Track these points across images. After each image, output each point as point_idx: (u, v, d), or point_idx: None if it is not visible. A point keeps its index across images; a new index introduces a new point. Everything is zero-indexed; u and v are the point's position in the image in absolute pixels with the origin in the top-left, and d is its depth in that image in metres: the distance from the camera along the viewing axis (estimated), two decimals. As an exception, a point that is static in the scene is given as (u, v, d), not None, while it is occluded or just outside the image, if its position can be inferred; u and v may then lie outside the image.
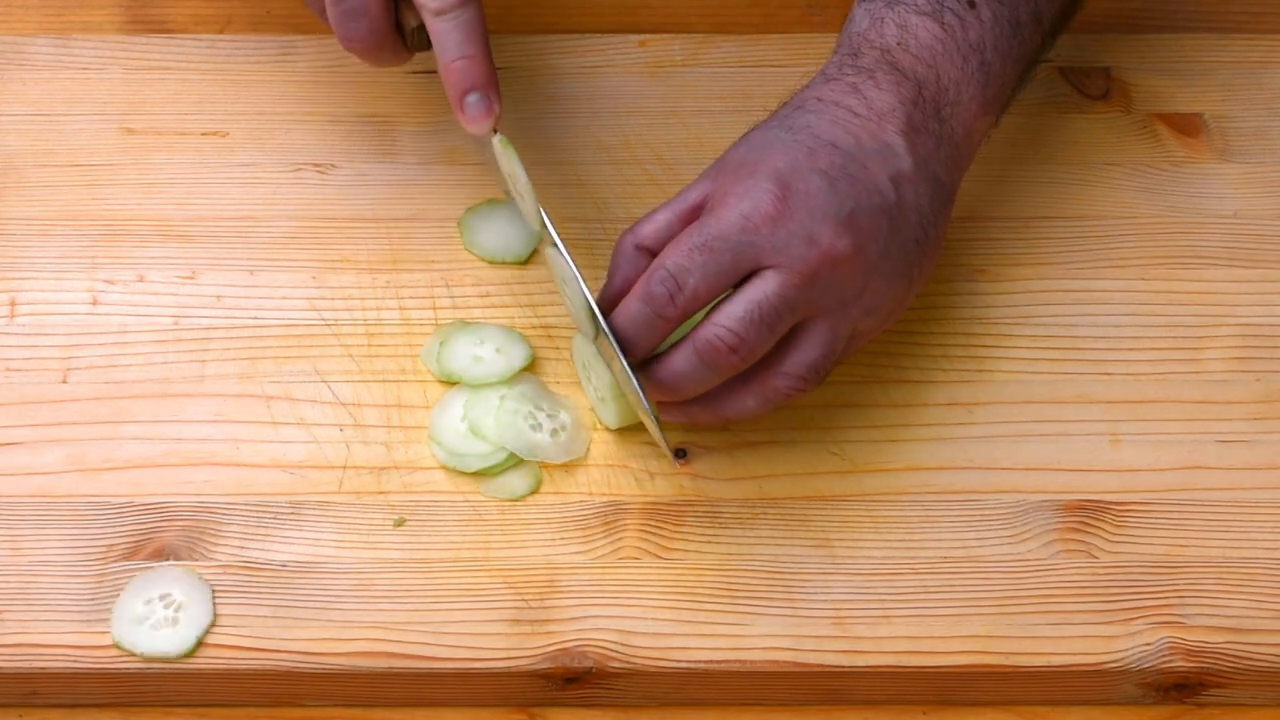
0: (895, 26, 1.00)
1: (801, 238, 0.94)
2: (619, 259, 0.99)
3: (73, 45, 1.17)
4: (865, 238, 0.95)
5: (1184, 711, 0.98)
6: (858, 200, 0.95)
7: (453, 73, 1.00)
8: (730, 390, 0.97)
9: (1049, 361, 1.05)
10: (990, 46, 1.00)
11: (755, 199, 0.94)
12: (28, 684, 0.95)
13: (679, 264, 0.94)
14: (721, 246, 0.94)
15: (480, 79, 1.00)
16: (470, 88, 1.00)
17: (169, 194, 1.11)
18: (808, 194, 0.94)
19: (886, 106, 0.98)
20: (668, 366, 0.96)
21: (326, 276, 1.08)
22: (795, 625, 0.96)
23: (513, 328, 1.05)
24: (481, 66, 1.00)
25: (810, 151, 0.96)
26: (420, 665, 0.95)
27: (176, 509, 0.99)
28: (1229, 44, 1.19)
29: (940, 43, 1.00)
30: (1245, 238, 1.10)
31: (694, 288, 0.94)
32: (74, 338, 1.05)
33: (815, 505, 1.00)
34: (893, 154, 0.97)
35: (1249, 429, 1.03)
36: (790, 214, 0.94)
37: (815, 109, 0.98)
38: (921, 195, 0.97)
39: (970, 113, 1.00)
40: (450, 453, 1.00)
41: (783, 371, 0.96)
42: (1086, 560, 0.99)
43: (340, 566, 0.97)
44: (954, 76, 1.00)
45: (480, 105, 1.00)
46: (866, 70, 0.99)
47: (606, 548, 0.98)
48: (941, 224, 0.99)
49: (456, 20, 1.00)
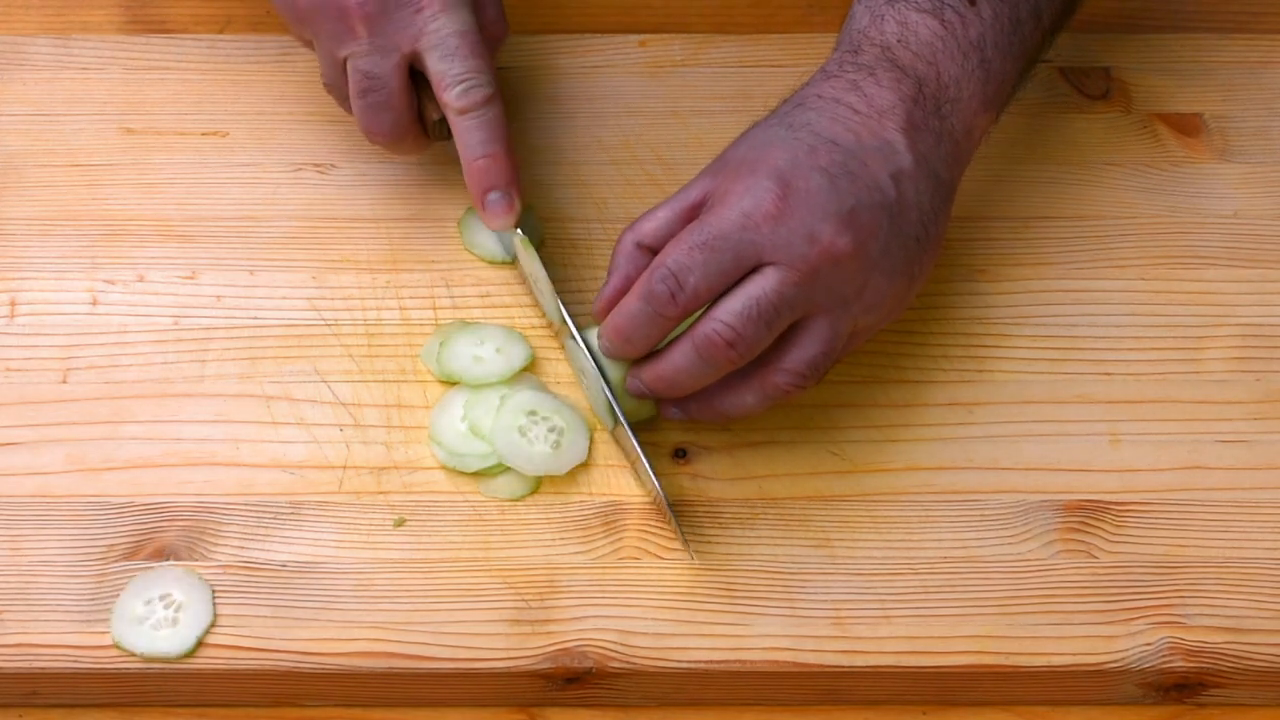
0: (896, 23, 1.00)
1: (802, 235, 0.94)
2: (619, 257, 0.99)
3: (73, 45, 1.17)
4: (865, 235, 0.95)
5: (1184, 711, 0.98)
6: (858, 198, 0.95)
7: (475, 171, 1.03)
8: (729, 387, 0.97)
9: (1049, 361, 1.05)
10: (990, 43, 1.00)
11: (756, 197, 0.94)
12: (28, 684, 0.95)
13: (680, 262, 0.94)
14: (722, 245, 0.94)
15: (502, 178, 1.03)
16: (492, 186, 1.03)
17: (169, 194, 1.11)
18: (808, 192, 0.95)
19: (887, 104, 0.98)
20: (666, 363, 0.96)
21: (326, 276, 1.08)
22: (795, 625, 0.96)
23: (512, 328, 1.05)
24: (504, 165, 1.03)
25: (811, 149, 0.96)
26: (420, 665, 0.95)
27: (176, 509, 0.99)
28: (1229, 44, 1.19)
29: (940, 40, 1.00)
30: (1245, 238, 1.10)
31: (695, 286, 0.94)
32: (74, 338, 1.05)
33: (815, 505, 1.00)
34: (893, 151, 0.97)
35: (1249, 429, 1.03)
36: (791, 212, 0.94)
37: (815, 106, 0.98)
38: (922, 192, 0.97)
39: (970, 110, 1.00)
40: (450, 453, 1.00)
41: (782, 368, 0.96)
42: (1086, 560, 0.99)
43: (340, 566, 0.97)
44: (954, 74, 1.00)
45: (502, 203, 1.03)
46: (867, 67, 0.99)
47: (606, 548, 0.98)
48: (942, 221, 0.99)
49: (480, 119, 1.02)
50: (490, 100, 1.02)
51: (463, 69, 1.02)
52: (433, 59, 1.02)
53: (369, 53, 1.02)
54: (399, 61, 1.03)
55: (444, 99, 1.02)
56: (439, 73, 1.02)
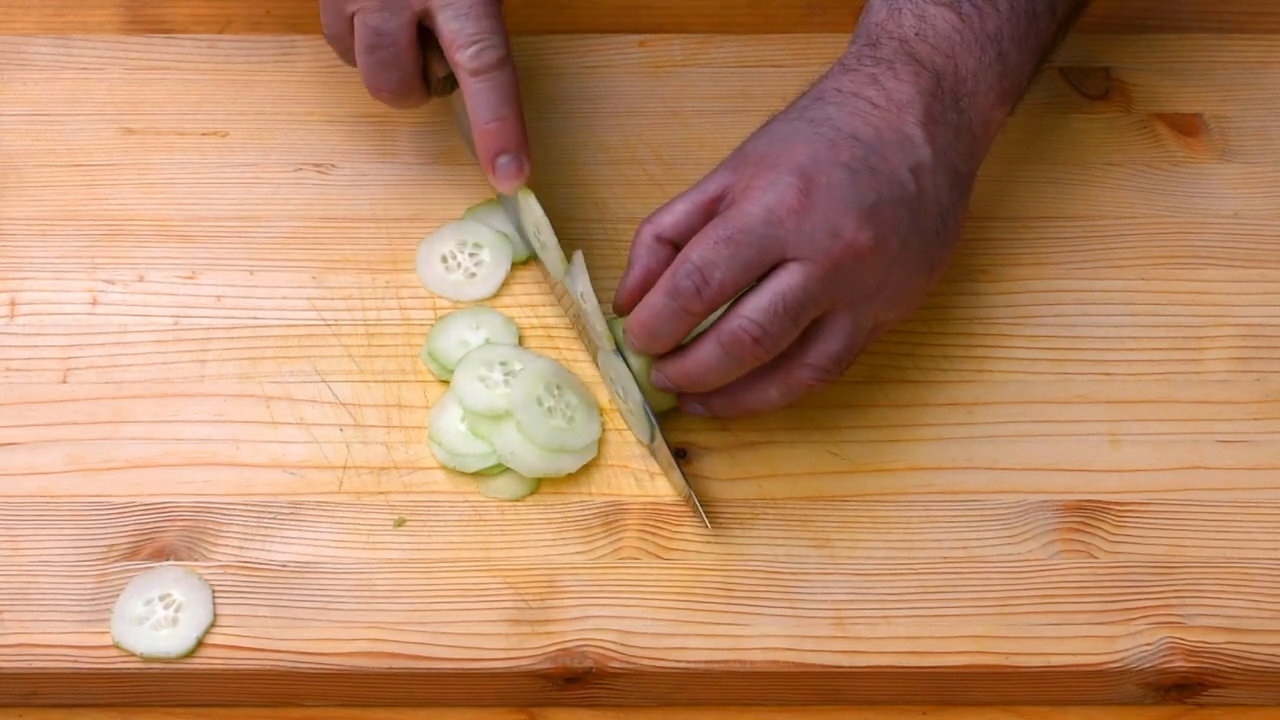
0: (913, 17, 1.01)
1: (825, 230, 0.94)
2: (639, 249, 0.99)
3: (73, 45, 1.17)
4: (887, 230, 0.95)
5: (1184, 711, 0.98)
6: (879, 192, 0.95)
7: (486, 135, 1.02)
8: (753, 382, 0.97)
9: (1049, 361, 1.05)
10: (1007, 37, 1.01)
11: (779, 192, 0.95)
12: (28, 684, 0.95)
13: (705, 257, 0.94)
14: (747, 240, 0.94)
15: (513, 141, 1.02)
16: (502, 149, 1.02)
17: (169, 194, 1.11)
18: (830, 187, 0.95)
19: (905, 98, 0.98)
20: (692, 359, 0.96)
21: (326, 276, 1.08)
22: (795, 625, 0.96)
23: (512, 320, 1.05)
24: (514, 129, 1.02)
25: (831, 144, 0.96)
26: (420, 665, 0.95)
27: (176, 509, 0.99)
28: (1229, 44, 1.19)
29: (958, 33, 1.00)
30: (1245, 238, 1.10)
31: (720, 281, 0.94)
32: (74, 338, 1.05)
33: (815, 505, 1.00)
34: (912, 146, 0.97)
35: (1249, 429, 1.03)
36: (813, 207, 0.94)
37: (835, 100, 0.98)
38: (940, 186, 0.98)
39: (987, 103, 1.01)
40: (450, 453, 1.00)
41: (806, 363, 0.96)
42: (1086, 560, 0.99)
43: (340, 566, 0.97)
44: (971, 67, 1.00)
45: (511, 166, 1.02)
46: (885, 61, 0.99)
47: (606, 548, 0.98)
48: (960, 214, 1.00)
49: (492, 82, 1.01)
50: (503, 62, 1.02)
51: (476, 29, 1.01)
52: (445, 17, 1.02)
53: (379, 9, 1.02)
54: (409, 19, 1.02)
55: (456, 59, 1.01)
56: (452, 32, 1.02)
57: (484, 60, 1.01)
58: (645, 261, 0.99)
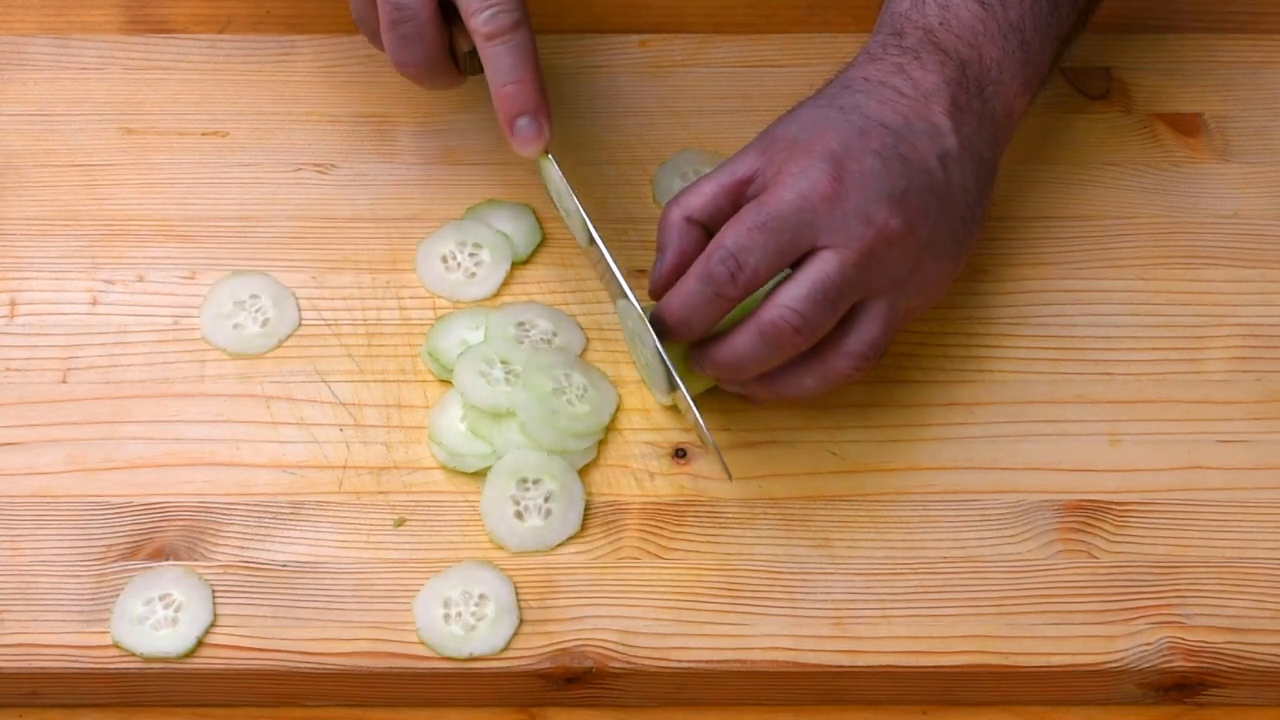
0: (937, 6, 1.01)
1: (857, 217, 0.94)
2: (669, 232, 0.99)
3: (73, 45, 1.17)
4: (916, 217, 0.96)
5: (1184, 711, 0.98)
6: (909, 180, 0.96)
7: (504, 97, 1.01)
8: (790, 371, 0.97)
9: (1049, 361, 1.05)
10: (1030, 25, 1.01)
11: (811, 178, 0.95)
12: (28, 684, 0.95)
13: (739, 243, 0.94)
14: (781, 226, 0.94)
15: (531, 103, 1.01)
16: (521, 111, 1.01)
17: (169, 194, 1.11)
18: (862, 174, 0.95)
19: (932, 86, 0.98)
20: (730, 347, 0.96)
21: (326, 276, 1.08)
22: (795, 625, 0.96)
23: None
24: (532, 90, 1.01)
25: (862, 132, 0.96)
26: (420, 665, 0.95)
27: (176, 509, 0.99)
28: (1229, 44, 1.19)
29: (982, 22, 1.01)
30: (1245, 238, 1.10)
31: (754, 267, 0.94)
32: (74, 338, 1.05)
33: (815, 505, 1.00)
34: (940, 134, 0.98)
35: (1249, 429, 1.03)
36: (846, 194, 0.95)
37: (863, 89, 0.99)
38: (967, 174, 0.98)
39: (1011, 91, 1.01)
40: (450, 453, 1.00)
41: (844, 352, 0.97)
42: (1086, 560, 0.99)
43: (340, 566, 0.97)
44: (995, 56, 1.01)
45: (530, 128, 1.01)
46: (911, 50, 1.00)
47: (606, 548, 0.98)
48: (985, 202, 1.00)
49: (508, 44, 1.01)
50: (518, 25, 1.01)
51: None
52: None
53: None
54: None
55: (471, 25, 1.01)
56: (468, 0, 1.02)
57: (499, 24, 1.01)
58: (678, 245, 0.98)
